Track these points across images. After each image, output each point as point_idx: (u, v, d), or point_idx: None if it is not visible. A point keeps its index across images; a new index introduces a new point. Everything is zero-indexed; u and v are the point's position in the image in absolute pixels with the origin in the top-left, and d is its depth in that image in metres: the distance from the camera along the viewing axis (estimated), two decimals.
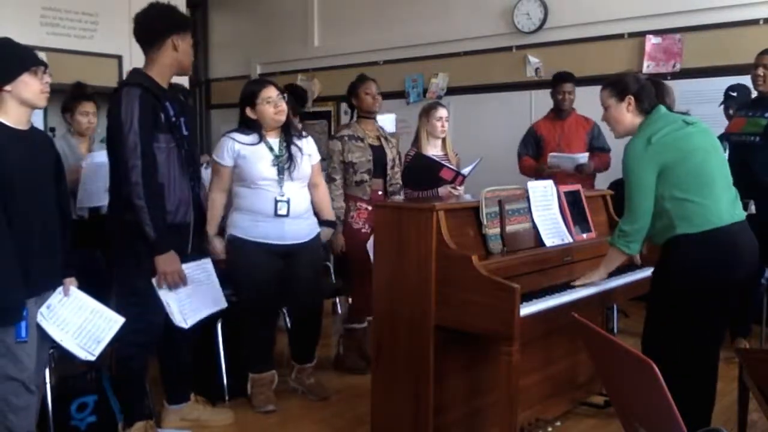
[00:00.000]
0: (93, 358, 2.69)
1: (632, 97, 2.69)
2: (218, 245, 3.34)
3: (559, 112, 4.94)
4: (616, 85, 2.73)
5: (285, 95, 3.42)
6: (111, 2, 6.43)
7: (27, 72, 2.42)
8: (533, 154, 4.98)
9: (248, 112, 3.36)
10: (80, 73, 4.81)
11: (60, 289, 2.62)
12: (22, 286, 2.36)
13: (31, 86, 2.43)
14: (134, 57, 6.70)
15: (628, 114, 2.71)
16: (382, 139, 4.09)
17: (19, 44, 2.49)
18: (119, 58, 6.37)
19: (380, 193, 4.02)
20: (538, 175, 4.67)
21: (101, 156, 3.36)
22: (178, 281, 2.89)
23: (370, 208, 3.89)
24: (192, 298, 3.00)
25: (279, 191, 3.31)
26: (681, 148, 2.58)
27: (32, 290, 2.46)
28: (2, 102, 2.41)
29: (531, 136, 5.02)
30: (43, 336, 2.57)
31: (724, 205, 2.58)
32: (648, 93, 2.70)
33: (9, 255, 2.32)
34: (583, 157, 4.62)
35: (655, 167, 2.57)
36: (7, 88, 2.39)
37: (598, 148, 4.87)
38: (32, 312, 2.49)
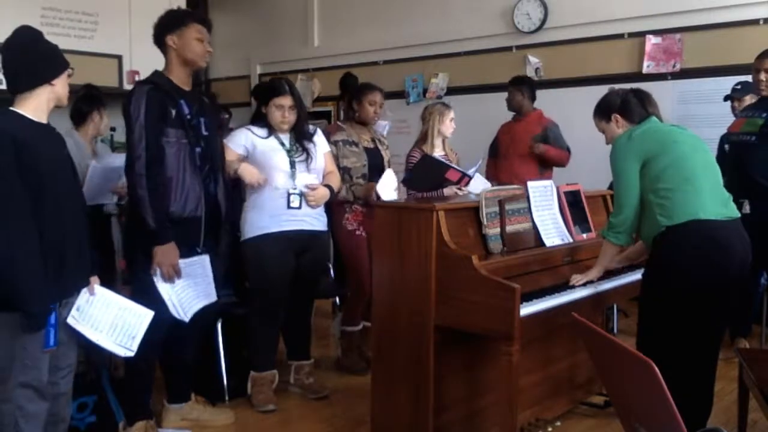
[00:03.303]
0: (132, 354, 2.62)
1: (617, 115, 2.83)
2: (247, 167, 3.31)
3: (516, 113, 5.08)
4: (601, 108, 2.90)
5: (297, 110, 3.44)
6: (111, 2, 6.43)
7: (65, 71, 2.42)
8: (492, 156, 5.13)
9: (263, 107, 3.44)
10: (80, 74, 4.79)
11: (85, 289, 2.54)
12: (49, 290, 2.28)
13: (66, 85, 2.43)
14: (134, 57, 6.74)
15: (619, 129, 2.84)
16: (377, 142, 4.09)
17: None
18: (119, 58, 6.36)
19: (376, 198, 4.01)
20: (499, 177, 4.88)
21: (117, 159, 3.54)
22: (172, 274, 2.89)
23: (364, 210, 3.89)
24: (186, 291, 3.00)
25: (291, 184, 3.36)
26: (660, 141, 2.68)
27: (64, 292, 2.39)
28: (36, 96, 2.35)
29: (495, 137, 5.17)
30: (70, 341, 2.50)
31: (708, 200, 2.60)
32: (632, 105, 2.82)
33: (36, 257, 2.25)
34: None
35: (637, 159, 2.67)
36: (54, 82, 2.37)
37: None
38: (62, 317, 2.42)
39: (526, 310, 2.55)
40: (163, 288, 2.89)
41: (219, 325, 3.57)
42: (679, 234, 2.57)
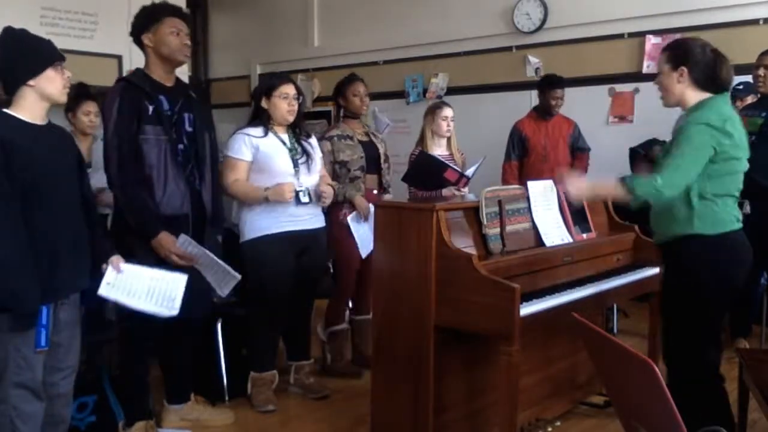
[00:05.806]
0: (176, 313, 2.63)
1: (685, 69, 2.50)
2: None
3: (546, 114, 4.99)
4: (675, 51, 2.55)
5: (301, 97, 3.48)
6: (111, 2, 6.42)
7: (51, 67, 2.35)
8: (519, 157, 5.00)
9: (263, 102, 3.40)
10: (80, 73, 4.78)
11: (111, 266, 2.54)
12: (37, 290, 2.26)
13: (54, 82, 2.35)
14: (134, 57, 6.71)
15: (678, 86, 2.53)
16: (371, 135, 4.09)
17: (40, 37, 2.42)
18: (119, 58, 6.36)
19: (375, 192, 4.00)
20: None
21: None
22: (180, 262, 2.84)
23: None
24: (215, 271, 2.96)
25: (297, 182, 3.36)
26: (738, 146, 2.50)
27: (57, 293, 2.37)
28: (22, 97, 2.33)
29: (516, 136, 5.02)
30: (71, 342, 2.49)
31: (735, 211, 2.58)
32: (706, 68, 2.49)
33: (25, 256, 2.23)
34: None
35: (713, 148, 2.42)
36: (31, 83, 2.31)
37: (579, 149, 5.01)
38: (57, 318, 2.40)
39: (526, 310, 2.55)
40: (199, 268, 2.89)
41: (219, 325, 3.57)
42: (711, 244, 2.49)
